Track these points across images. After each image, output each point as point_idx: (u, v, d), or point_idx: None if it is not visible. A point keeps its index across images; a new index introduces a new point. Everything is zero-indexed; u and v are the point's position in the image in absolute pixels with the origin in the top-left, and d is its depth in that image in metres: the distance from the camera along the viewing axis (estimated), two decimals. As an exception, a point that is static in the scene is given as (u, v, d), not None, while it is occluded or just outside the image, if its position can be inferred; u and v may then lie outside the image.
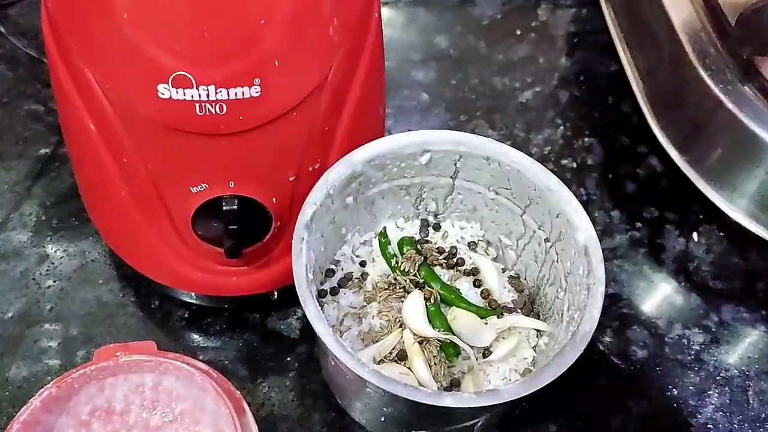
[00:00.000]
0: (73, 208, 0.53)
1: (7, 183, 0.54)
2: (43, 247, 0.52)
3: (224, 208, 0.40)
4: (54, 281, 0.50)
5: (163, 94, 0.36)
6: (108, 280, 0.50)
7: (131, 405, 0.41)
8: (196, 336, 0.49)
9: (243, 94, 0.37)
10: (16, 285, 0.50)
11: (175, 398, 0.42)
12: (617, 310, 0.52)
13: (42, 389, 0.39)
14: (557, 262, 0.40)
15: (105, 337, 0.48)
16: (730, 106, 0.49)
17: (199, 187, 0.40)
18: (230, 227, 0.41)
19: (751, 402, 0.49)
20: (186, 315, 0.50)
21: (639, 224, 0.56)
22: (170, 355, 0.42)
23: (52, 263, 0.51)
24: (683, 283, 0.54)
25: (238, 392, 0.42)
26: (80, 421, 0.40)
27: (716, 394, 0.49)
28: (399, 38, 0.66)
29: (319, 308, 0.34)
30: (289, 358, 0.48)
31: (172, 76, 0.36)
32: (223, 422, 0.40)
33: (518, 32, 0.67)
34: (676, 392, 0.49)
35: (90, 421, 0.41)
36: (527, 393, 0.32)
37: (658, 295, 0.54)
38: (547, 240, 0.41)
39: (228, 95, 0.37)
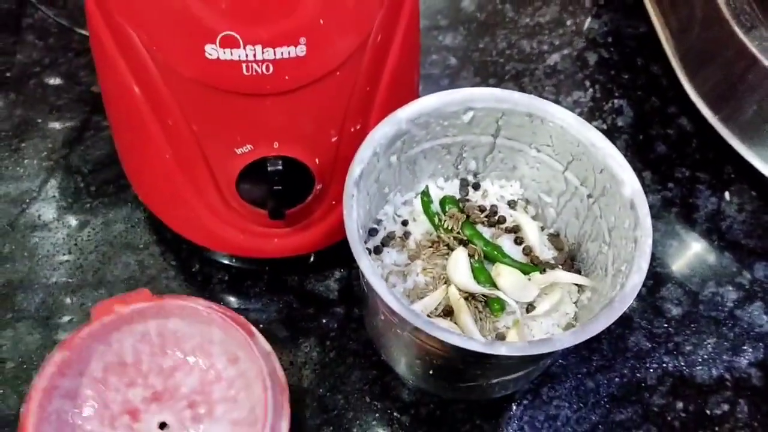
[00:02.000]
0: (109, 176, 0.54)
1: (44, 152, 0.55)
2: (83, 214, 0.52)
3: (269, 168, 0.41)
4: (96, 246, 0.51)
5: (210, 54, 0.37)
6: (148, 244, 0.51)
7: (141, 354, 0.42)
8: (236, 299, 0.50)
9: (289, 54, 0.37)
10: (58, 251, 0.50)
11: (182, 338, 0.42)
12: (651, 269, 0.53)
13: (49, 355, 0.40)
14: (600, 217, 0.40)
15: (148, 301, 0.49)
16: (766, 62, 0.49)
17: (244, 148, 0.41)
18: (274, 188, 0.42)
19: (785, 358, 0.50)
20: (226, 278, 0.50)
21: (671, 185, 0.57)
22: (168, 297, 0.42)
23: (93, 229, 0.51)
24: (716, 242, 0.54)
25: (243, 317, 0.42)
26: (96, 379, 0.41)
27: (750, 350, 0.50)
28: (426, 3, 0.66)
29: (373, 262, 0.35)
30: (327, 319, 0.49)
31: (219, 36, 0.36)
32: (234, 347, 0.41)
33: (545, -5, 0.67)
34: (710, 348, 0.50)
35: (106, 378, 0.41)
36: (578, 342, 0.33)
37: (691, 253, 0.54)
38: (589, 196, 0.41)
39: (274, 55, 0.37)
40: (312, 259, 0.50)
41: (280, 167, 0.41)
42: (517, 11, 0.66)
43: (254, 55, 0.37)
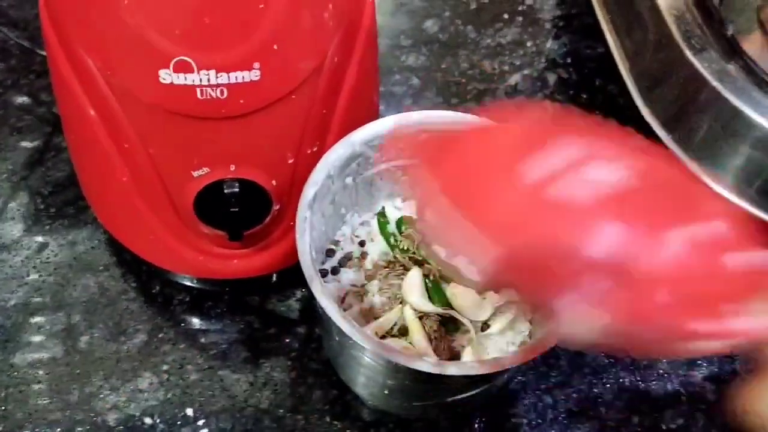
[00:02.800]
0: (70, 197, 0.54)
1: (4, 173, 0.55)
2: (42, 235, 0.52)
3: (225, 191, 0.41)
4: (55, 269, 0.51)
5: (164, 79, 0.37)
6: (108, 266, 0.51)
7: None
8: (198, 320, 0.50)
9: (243, 78, 0.37)
10: (17, 273, 0.50)
11: None
12: (608, 286, 0.54)
13: None
14: (552, 237, 0.41)
15: (108, 323, 0.49)
16: (715, 84, 0.50)
17: (201, 171, 0.41)
18: (231, 210, 0.42)
19: (739, 371, 0.51)
20: (187, 299, 0.50)
21: (628, 202, 0.58)
22: None
23: (52, 251, 0.51)
24: (671, 258, 0.55)
25: None
26: None
27: (705, 364, 0.51)
28: (389, 24, 0.67)
29: (325, 285, 0.35)
30: (289, 339, 0.49)
31: (173, 62, 0.36)
32: None
33: (505, 16, 0.68)
34: (666, 363, 0.51)
35: None
36: (527, 360, 0.34)
37: (648, 270, 0.55)
38: (541, 216, 0.42)
39: (228, 79, 0.37)
40: (274, 278, 0.51)
41: (237, 189, 0.41)
42: (478, 32, 0.67)
43: (208, 80, 0.37)
